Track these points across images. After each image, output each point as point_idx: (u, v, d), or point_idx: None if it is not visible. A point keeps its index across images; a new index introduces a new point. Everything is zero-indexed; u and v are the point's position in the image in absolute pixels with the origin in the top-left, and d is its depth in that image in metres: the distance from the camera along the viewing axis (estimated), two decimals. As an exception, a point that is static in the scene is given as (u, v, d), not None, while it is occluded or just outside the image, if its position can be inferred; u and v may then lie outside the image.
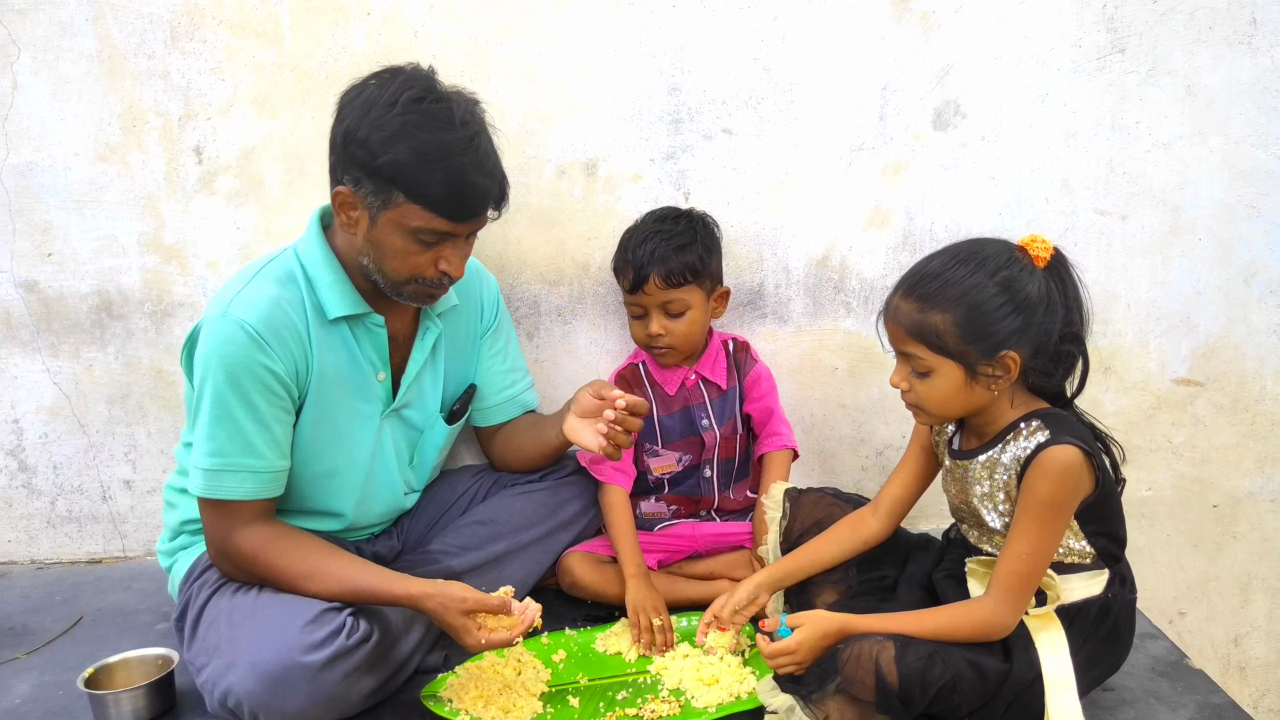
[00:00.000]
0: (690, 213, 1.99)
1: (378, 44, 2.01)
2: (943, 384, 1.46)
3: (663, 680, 1.68)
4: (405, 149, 1.50)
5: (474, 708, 1.57)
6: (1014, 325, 1.42)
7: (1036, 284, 1.43)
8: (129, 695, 1.58)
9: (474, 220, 1.60)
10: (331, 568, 1.57)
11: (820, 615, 1.50)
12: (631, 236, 1.96)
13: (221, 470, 1.56)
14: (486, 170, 1.57)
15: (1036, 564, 1.44)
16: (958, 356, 1.44)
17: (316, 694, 1.45)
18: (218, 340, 1.55)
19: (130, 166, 2.07)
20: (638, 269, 1.90)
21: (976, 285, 1.42)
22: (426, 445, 1.88)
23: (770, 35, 2.07)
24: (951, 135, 2.12)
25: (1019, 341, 1.43)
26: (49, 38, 2.00)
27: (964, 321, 1.42)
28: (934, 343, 1.44)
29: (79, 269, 2.11)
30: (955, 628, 1.45)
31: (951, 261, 1.45)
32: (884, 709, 1.41)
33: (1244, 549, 2.34)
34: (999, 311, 1.42)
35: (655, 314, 1.93)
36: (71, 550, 2.27)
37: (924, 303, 1.44)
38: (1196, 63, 2.09)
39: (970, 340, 1.42)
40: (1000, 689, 1.44)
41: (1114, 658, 1.58)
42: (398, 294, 1.65)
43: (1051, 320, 1.44)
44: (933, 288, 1.44)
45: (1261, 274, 2.19)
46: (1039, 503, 1.43)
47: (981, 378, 1.45)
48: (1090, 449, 1.44)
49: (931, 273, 1.45)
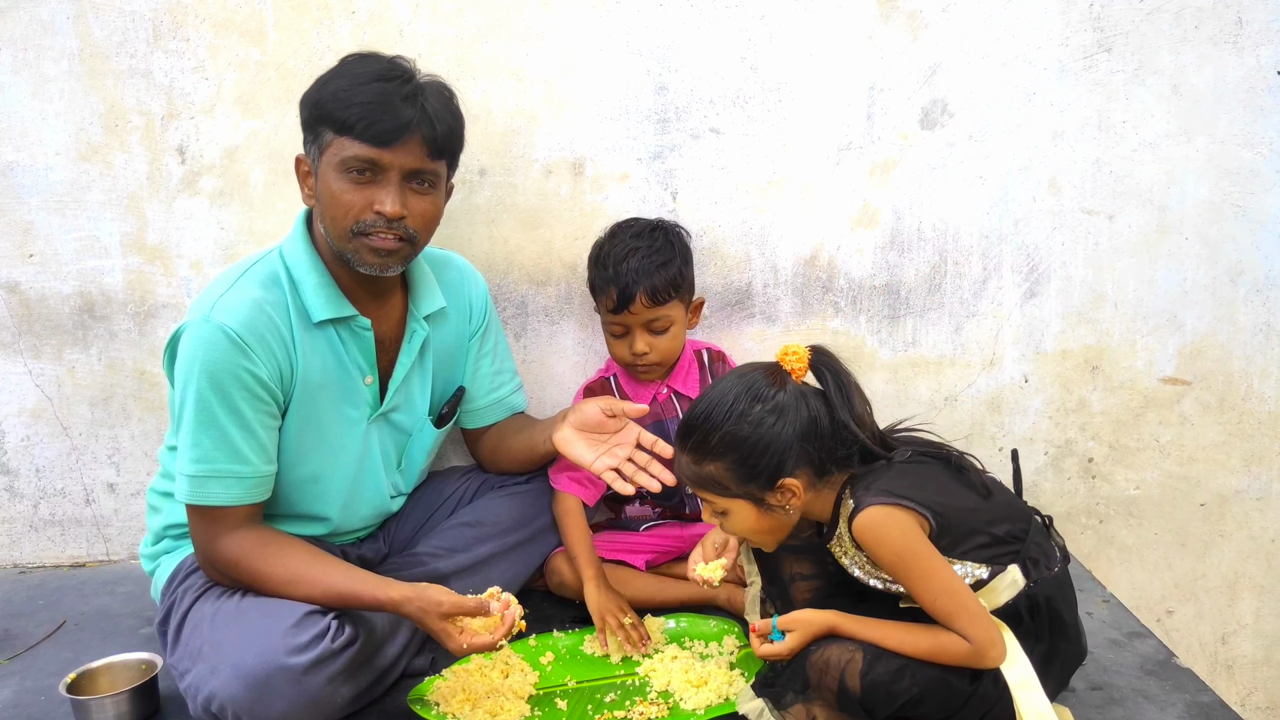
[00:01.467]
0: (661, 224, 1.96)
1: (363, 42, 1.99)
2: (741, 518, 1.50)
3: (651, 682, 1.68)
4: (333, 85, 1.54)
5: (461, 711, 1.56)
6: (780, 455, 1.44)
7: (794, 405, 1.44)
8: (112, 700, 1.56)
9: (396, 145, 1.53)
10: (315, 573, 1.55)
11: (810, 618, 1.49)
12: (609, 253, 1.89)
13: (207, 476, 1.54)
14: (416, 104, 1.54)
15: (954, 598, 1.41)
16: (743, 496, 1.47)
17: (300, 698, 1.44)
18: (200, 345, 1.53)
19: (113, 166, 2.05)
20: (622, 289, 1.85)
21: (737, 430, 1.44)
22: (415, 448, 1.87)
23: (758, 34, 2.06)
24: (939, 135, 2.12)
25: (794, 465, 1.45)
26: (29, 36, 1.98)
27: (736, 465, 1.45)
28: (716, 489, 1.48)
29: (61, 270, 2.09)
30: (939, 652, 1.42)
31: (711, 409, 1.46)
32: (846, 713, 1.42)
33: (1231, 548, 2.34)
34: (764, 448, 1.44)
35: (639, 332, 1.89)
36: (54, 554, 2.24)
37: (697, 454, 1.48)
38: (1183, 62, 2.10)
39: (747, 480, 1.45)
40: (968, 702, 1.43)
41: (1070, 644, 1.54)
42: (351, 258, 1.59)
43: (816, 432, 1.45)
44: (698, 439, 1.47)
45: (1248, 273, 2.20)
46: (893, 562, 1.42)
47: (771, 508, 1.48)
48: (895, 499, 1.41)
49: (695, 424, 1.48)
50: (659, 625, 1.85)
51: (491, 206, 2.12)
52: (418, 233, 1.61)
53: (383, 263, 1.60)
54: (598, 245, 1.95)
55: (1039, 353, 2.24)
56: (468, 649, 1.51)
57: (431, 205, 1.62)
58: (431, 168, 1.59)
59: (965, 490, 1.50)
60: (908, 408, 2.22)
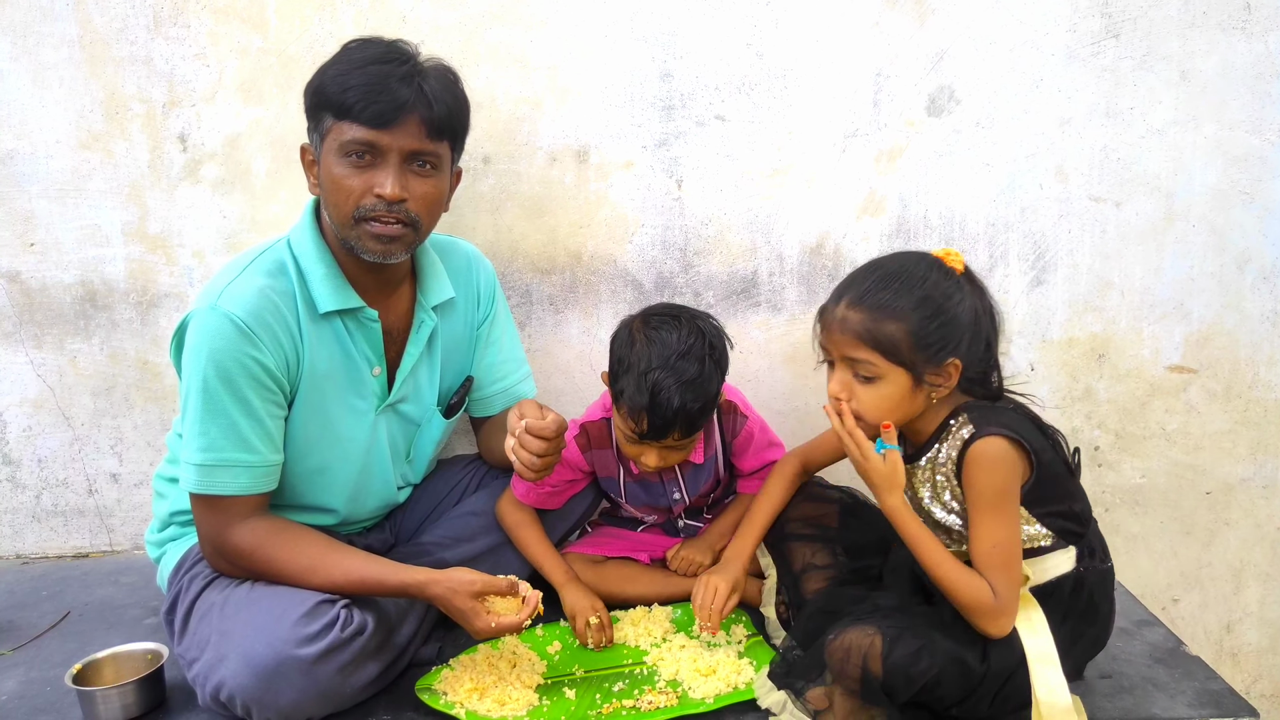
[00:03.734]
0: (705, 335, 1.72)
1: (365, 29, 1.98)
2: (889, 391, 1.48)
3: (660, 671, 1.67)
4: (332, 71, 1.54)
5: (469, 700, 1.56)
6: (957, 334, 1.47)
7: (964, 293, 1.49)
8: (118, 691, 1.55)
9: (394, 126, 1.51)
10: (334, 559, 1.55)
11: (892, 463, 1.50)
12: (646, 373, 1.67)
13: (215, 465, 1.53)
14: (413, 84, 1.53)
15: (1007, 552, 1.46)
16: (909, 365, 1.46)
17: (310, 687, 1.44)
18: (206, 334, 1.52)
19: (114, 154, 2.03)
20: (659, 426, 1.68)
21: (925, 297, 1.46)
22: (423, 439, 1.86)
23: (763, 20, 2.05)
24: (946, 121, 2.11)
25: (960, 349, 1.47)
26: (29, 22, 1.96)
27: (916, 331, 1.45)
28: (888, 350, 1.46)
29: (62, 259, 2.08)
30: (963, 585, 1.45)
31: (896, 274, 1.48)
32: (869, 700, 1.43)
33: (1237, 536, 2.34)
34: (947, 320, 1.46)
35: (660, 451, 1.75)
36: (57, 545, 2.24)
37: (878, 312, 1.47)
38: (1191, 48, 2.09)
39: (921, 349, 1.45)
40: (983, 681, 1.46)
41: (1095, 631, 1.58)
42: (355, 245, 1.58)
43: (981, 326, 1.49)
44: (884, 298, 1.47)
45: (1255, 261, 2.19)
46: (982, 495, 1.46)
47: (926, 385, 1.48)
48: (1017, 435, 1.45)
49: (884, 282, 1.48)
50: (666, 614, 1.84)
51: (496, 195, 2.10)
52: (420, 216, 1.59)
53: (385, 249, 1.58)
54: (631, 347, 1.72)
55: (1045, 341, 2.23)
56: (496, 628, 1.52)
57: (433, 188, 1.60)
58: (431, 148, 1.57)
59: (1057, 458, 1.53)
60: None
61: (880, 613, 1.53)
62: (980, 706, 1.47)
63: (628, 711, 1.55)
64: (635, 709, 1.56)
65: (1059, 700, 1.44)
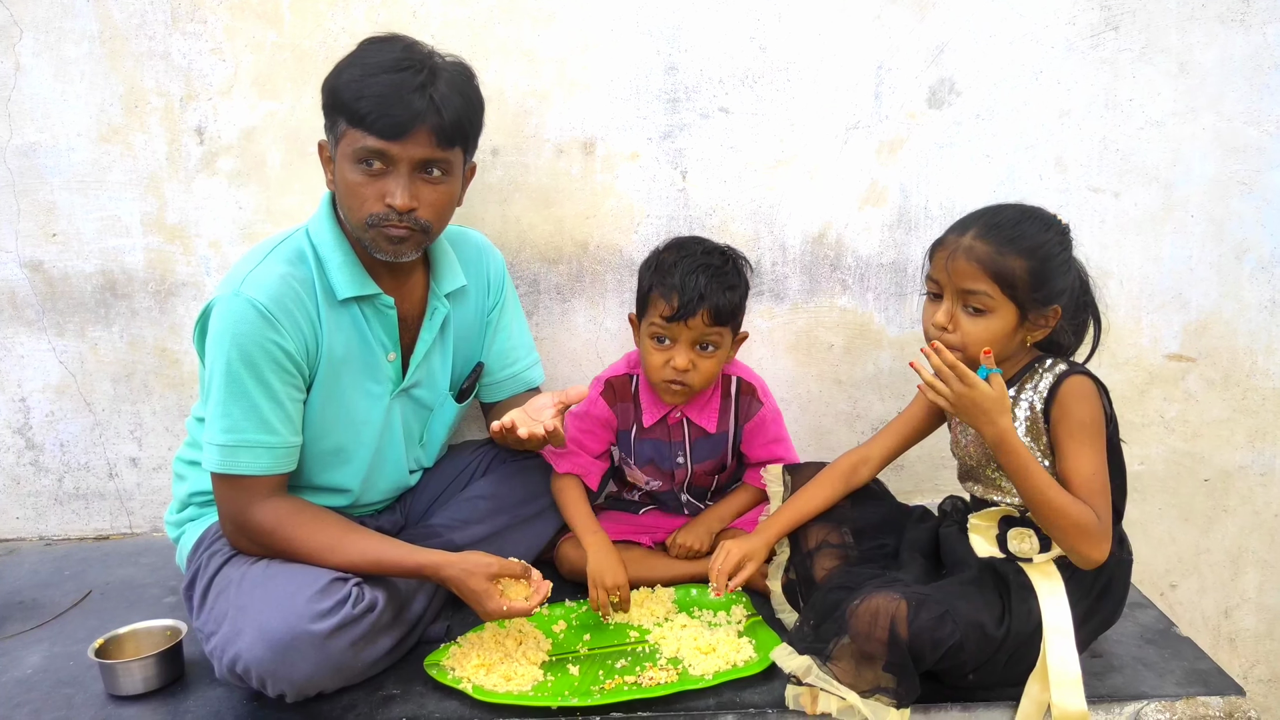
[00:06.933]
0: (726, 250, 1.89)
1: (377, 24, 2.02)
2: (996, 325, 1.55)
3: (661, 649, 1.72)
4: (347, 75, 1.57)
5: (476, 675, 1.61)
6: (1065, 283, 1.56)
7: (1071, 253, 1.59)
8: (139, 664, 1.61)
9: (404, 138, 1.54)
10: (352, 540, 1.61)
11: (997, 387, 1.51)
12: (675, 263, 1.82)
13: (237, 446, 1.58)
14: (425, 95, 1.55)
15: (1103, 480, 1.52)
16: (1021, 302, 1.54)
17: (323, 661, 1.49)
18: (230, 319, 1.57)
19: (133, 147, 2.09)
20: (688, 300, 1.79)
21: (1049, 240, 1.55)
22: (436, 424, 1.91)
23: (766, 14, 2.08)
24: (946, 113, 2.14)
25: (1064, 299, 1.56)
26: (50, 19, 2.01)
27: (1035, 271, 1.53)
28: (1006, 284, 1.53)
29: (83, 249, 2.13)
30: (1070, 511, 1.48)
31: (1030, 215, 1.58)
32: (893, 666, 1.46)
33: (1235, 522, 2.37)
34: (1061, 267, 1.55)
35: (685, 347, 1.83)
36: (79, 527, 2.30)
37: (1004, 246, 1.54)
38: (1189, 40, 2.11)
39: (1035, 289, 1.53)
40: (1001, 646, 1.50)
41: (1107, 613, 1.63)
42: (368, 245, 1.64)
43: (1081, 282, 1.61)
44: (1012, 234, 1.54)
45: (1253, 250, 2.21)
46: (1081, 424, 1.52)
47: (1027, 325, 1.56)
48: (1101, 386, 1.56)
49: (1009, 220, 1.56)
50: (668, 595, 1.89)
51: (504, 186, 2.15)
52: (430, 221, 1.63)
53: (397, 250, 1.64)
54: (658, 253, 1.90)
55: (1045, 330, 2.26)
56: (507, 611, 1.58)
57: (444, 193, 1.65)
58: (442, 156, 1.60)
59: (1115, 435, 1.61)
60: (915, 385, 2.24)
61: (900, 584, 1.56)
62: (994, 672, 1.52)
63: (629, 687, 1.59)
64: (636, 684, 1.60)
65: (1069, 671, 1.49)
